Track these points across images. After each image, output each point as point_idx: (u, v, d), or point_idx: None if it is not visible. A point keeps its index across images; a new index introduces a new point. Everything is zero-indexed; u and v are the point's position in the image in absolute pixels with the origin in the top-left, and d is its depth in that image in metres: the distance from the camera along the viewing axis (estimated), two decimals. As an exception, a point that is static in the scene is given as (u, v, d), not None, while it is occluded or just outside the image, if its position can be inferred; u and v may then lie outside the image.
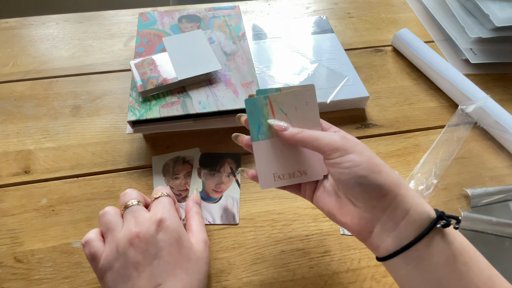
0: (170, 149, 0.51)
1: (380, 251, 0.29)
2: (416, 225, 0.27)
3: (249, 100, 0.33)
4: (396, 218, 0.27)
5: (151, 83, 0.49)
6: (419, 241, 0.26)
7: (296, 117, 0.34)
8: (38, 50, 0.64)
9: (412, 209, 0.27)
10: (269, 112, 0.34)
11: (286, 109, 0.34)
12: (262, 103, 0.33)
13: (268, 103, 0.33)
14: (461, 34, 0.65)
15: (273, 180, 0.34)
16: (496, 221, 0.43)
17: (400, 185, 0.28)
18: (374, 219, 0.28)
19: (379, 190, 0.28)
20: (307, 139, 0.31)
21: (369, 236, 0.29)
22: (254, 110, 0.34)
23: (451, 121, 0.53)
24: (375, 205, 0.28)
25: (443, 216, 0.27)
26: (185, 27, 0.60)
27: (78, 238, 0.42)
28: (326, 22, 0.70)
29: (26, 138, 0.51)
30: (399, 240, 0.27)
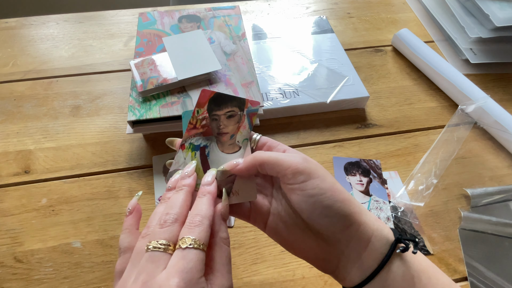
0: (170, 149, 0.51)
1: (346, 283, 0.28)
2: (378, 253, 0.26)
3: (186, 113, 0.31)
4: (360, 248, 0.26)
5: (151, 83, 0.49)
6: (382, 269, 0.26)
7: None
8: (38, 50, 0.64)
9: (373, 236, 0.27)
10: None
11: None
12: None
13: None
14: (461, 34, 0.65)
15: None
16: (496, 221, 0.43)
17: (361, 212, 0.27)
18: (339, 253, 0.27)
19: (344, 221, 0.26)
20: (267, 159, 0.27)
21: (335, 269, 0.28)
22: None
23: (451, 121, 0.53)
24: (339, 238, 0.27)
25: (401, 239, 0.26)
26: (185, 27, 0.60)
27: (78, 238, 0.42)
28: (326, 22, 0.70)
29: (26, 138, 0.51)
30: (363, 271, 0.26)
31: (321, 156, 0.51)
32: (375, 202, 0.46)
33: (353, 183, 0.48)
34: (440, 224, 0.45)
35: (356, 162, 0.50)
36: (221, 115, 0.31)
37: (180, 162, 0.30)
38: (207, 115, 0.31)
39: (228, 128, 0.31)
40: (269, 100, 0.54)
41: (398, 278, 0.26)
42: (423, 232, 0.44)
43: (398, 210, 0.45)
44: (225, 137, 0.31)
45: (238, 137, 0.31)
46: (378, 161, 0.51)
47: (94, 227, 0.43)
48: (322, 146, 0.52)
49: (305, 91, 0.55)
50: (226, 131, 0.31)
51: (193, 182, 0.28)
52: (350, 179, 0.48)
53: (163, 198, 0.29)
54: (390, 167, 0.50)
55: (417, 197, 0.46)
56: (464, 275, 0.40)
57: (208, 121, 0.31)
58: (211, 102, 0.31)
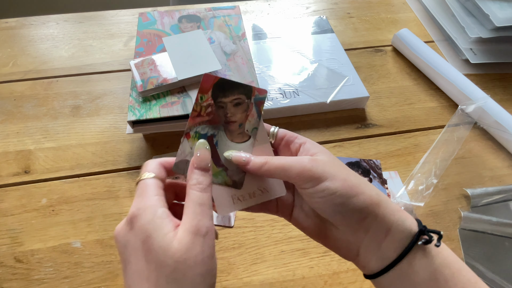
0: (170, 149, 0.51)
1: (366, 270, 0.28)
2: (398, 244, 0.26)
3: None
4: (379, 239, 0.27)
5: (151, 83, 0.49)
6: (401, 260, 0.26)
7: (259, 134, 0.30)
8: (38, 50, 0.64)
9: (393, 227, 0.26)
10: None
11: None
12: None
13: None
14: (461, 34, 0.65)
15: (233, 203, 0.29)
16: (496, 221, 0.43)
17: (379, 203, 0.27)
18: (358, 241, 0.27)
19: (358, 214, 0.26)
20: (274, 170, 0.27)
21: (356, 257, 0.28)
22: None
23: (451, 121, 0.53)
24: (357, 228, 0.27)
25: (424, 231, 0.26)
26: (185, 27, 0.60)
27: (78, 238, 0.42)
28: (326, 22, 0.70)
29: (26, 138, 0.51)
30: (382, 260, 0.27)
31: (321, 156, 0.51)
32: (375, 202, 0.46)
33: (353, 183, 0.48)
34: (440, 224, 0.45)
35: (356, 162, 0.50)
36: (228, 103, 0.29)
37: (186, 152, 0.28)
38: (212, 102, 0.29)
39: (236, 117, 0.30)
40: (269, 100, 0.54)
41: (420, 271, 0.25)
42: (423, 232, 0.44)
43: (398, 210, 0.45)
44: (233, 125, 0.29)
45: (247, 126, 0.30)
46: (378, 161, 0.51)
47: (94, 227, 0.43)
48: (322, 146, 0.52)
49: (305, 91, 0.55)
50: (234, 119, 0.29)
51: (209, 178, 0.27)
52: (350, 179, 0.48)
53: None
54: (390, 167, 0.50)
55: (417, 197, 0.46)
56: (464, 275, 0.40)
57: (214, 109, 0.29)
58: (216, 89, 0.29)
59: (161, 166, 0.27)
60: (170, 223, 0.24)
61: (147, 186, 0.26)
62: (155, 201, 0.25)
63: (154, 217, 0.24)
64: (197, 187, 0.25)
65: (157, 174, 0.27)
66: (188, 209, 0.24)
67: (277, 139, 0.31)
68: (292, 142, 0.30)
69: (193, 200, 0.25)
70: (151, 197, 0.25)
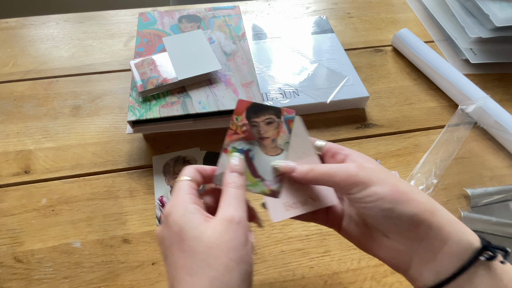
0: (170, 149, 0.51)
1: (418, 284, 0.26)
2: (456, 257, 0.24)
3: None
4: (434, 250, 0.25)
5: (151, 83, 0.49)
6: (460, 275, 0.24)
7: (291, 149, 0.32)
8: (38, 50, 0.64)
9: (451, 238, 0.25)
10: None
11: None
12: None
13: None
14: (461, 34, 0.65)
15: (285, 210, 0.31)
16: (496, 221, 0.43)
17: (434, 212, 0.25)
18: (410, 251, 0.26)
19: (410, 221, 0.25)
20: (319, 176, 0.28)
21: (407, 268, 0.26)
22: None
23: (451, 121, 0.53)
24: (409, 236, 0.25)
25: (488, 247, 0.24)
26: (185, 27, 0.60)
27: (78, 238, 0.42)
28: (326, 22, 0.70)
29: (26, 138, 0.51)
30: (438, 274, 0.25)
31: (321, 156, 0.51)
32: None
33: (353, 183, 0.48)
34: (440, 224, 0.45)
35: (356, 162, 0.50)
36: (260, 122, 0.32)
37: (225, 165, 0.31)
38: (247, 122, 0.32)
39: (268, 133, 0.32)
40: (269, 100, 0.54)
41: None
42: (423, 232, 0.44)
43: (398, 210, 0.45)
44: (267, 141, 0.32)
45: (279, 141, 0.32)
46: (378, 161, 0.51)
47: (94, 227, 0.43)
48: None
49: (305, 91, 0.55)
50: (267, 135, 0.32)
51: (242, 181, 0.29)
52: (350, 179, 0.48)
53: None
54: (390, 167, 0.50)
55: (417, 197, 0.46)
56: (464, 275, 0.40)
57: (248, 127, 0.32)
58: (249, 111, 0.32)
59: (196, 171, 0.30)
60: (202, 217, 0.25)
61: (180, 186, 0.28)
62: (186, 199, 0.26)
63: (185, 212, 0.25)
64: (232, 184, 0.28)
65: (191, 177, 0.29)
66: (223, 202, 0.26)
67: (323, 151, 0.32)
68: (338, 153, 0.31)
69: (228, 194, 0.27)
70: (183, 196, 0.27)
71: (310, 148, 0.32)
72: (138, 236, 0.43)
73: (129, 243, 0.42)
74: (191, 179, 0.28)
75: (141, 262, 0.41)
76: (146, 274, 0.40)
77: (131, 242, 0.42)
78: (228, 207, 0.26)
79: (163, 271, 0.40)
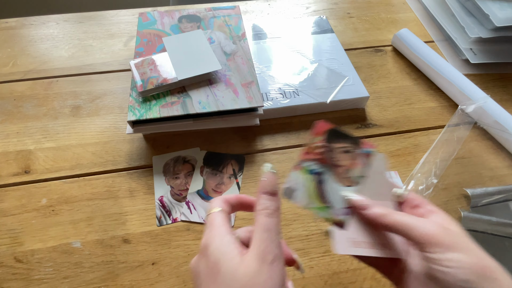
0: (170, 149, 0.51)
1: None
2: None
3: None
4: None
5: (151, 83, 0.49)
6: None
7: (367, 186, 0.31)
8: (38, 50, 0.64)
9: None
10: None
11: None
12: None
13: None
14: (461, 34, 0.65)
15: (348, 246, 0.30)
16: (496, 221, 0.43)
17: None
18: None
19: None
20: (396, 224, 0.26)
21: None
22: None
23: (451, 121, 0.53)
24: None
25: None
26: (185, 27, 0.60)
27: (78, 238, 0.42)
28: (326, 22, 0.70)
29: (26, 138, 0.51)
30: None
31: (321, 156, 0.51)
32: (375, 202, 0.46)
33: (353, 183, 0.48)
34: (440, 224, 0.45)
35: (356, 162, 0.50)
36: (337, 148, 0.32)
37: (295, 181, 0.30)
38: (323, 144, 0.31)
39: (343, 162, 0.31)
40: (269, 100, 0.54)
41: None
42: (423, 232, 0.44)
43: (398, 210, 0.45)
44: (340, 169, 0.31)
45: (353, 173, 0.31)
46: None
47: (94, 227, 0.43)
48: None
49: (305, 91, 0.55)
50: (342, 164, 0.31)
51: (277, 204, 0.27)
52: (350, 179, 0.48)
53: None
54: (390, 167, 0.50)
55: (417, 197, 0.46)
56: (464, 275, 0.40)
57: (324, 150, 0.31)
58: (329, 134, 0.32)
59: (225, 202, 0.29)
60: (237, 248, 0.25)
61: (214, 218, 0.27)
62: (222, 231, 0.26)
63: (221, 243, 0.25)
64: (264, 212, 0.26)
65: (222, 208, 0.28)
66: (256, 234, 0.25)
67: (403, 201, 0.29)
68: (420, 207, 0.28)
69: (260, 225, 0.25)
70: (218, 228, 0.26)
71: (387, 191, 0.30)
72: (138, 236, 0.43)
73: (129, 243, 0.42)
74: (221, 209, 0.28)
75: (141, 262, 0.41)
76: (146, 274, 0.40)
77: (131, 242, 0.42)
78: (260, 243, 0.24)
79: (163, 271, 0.40)
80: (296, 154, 0.51)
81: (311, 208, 0.30)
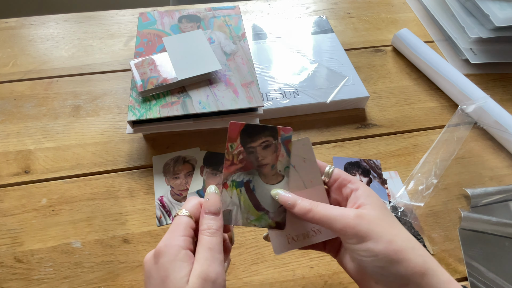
0: (170, 149, 0.51)
1: None
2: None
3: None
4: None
5: (151, 83, 0.49)
6: None
7: (299, 174, 0.31)
8: (38, 50, 0.64)
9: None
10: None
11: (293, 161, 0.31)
12: None
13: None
14: (461, 34, 0.65)
15: (287, 243, 0.31)
16: (496, 221, 0.43)
17: (425, 273, 0.26)
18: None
19: (399, 280, 0.26)
20: (318, 220, 0.28)
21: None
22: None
23: (451, 121, 0.53)
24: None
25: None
26: (185, 27, 0.60)
27: (78, 238, 0.42)
28: (326, 22, 0.70)
29: (26, 138, 0.51)
30: None
31: (321, 156, 0.51)
32: (375, 202, 0.46)
33: (353, 183, 0.48)
34: (440, 224, 0.45)
35: (356, 162, 0.50)
36: (257, 147, 0.30)
37: (228, 202, 0.30)
38: (243, 149, 0.30)
39: (267, 159, 0.31)
40: (269, 100, 0.54)
41: None
42: (423, 232, 0.44)
43: (398, 210, 0.45)
44: (266, 168, 0.31)
45: (279, 166, 0.31)
46: (378, 161, 0.51)
47: (94, 227, 0.43)
48: (322, 146, 0.52)
49: (305, 91, 0.55)
50: (266, 162, 0.31)
51: (220, 223, 0.28)
52: (350, 179, 0.48)
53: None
54: (390, 167, 0.50)
55: (417, 197, 0.46)
56: (464, 275, 0.40)
57: (245, 155, 0.30)
58: (243, 135, 0.30)
59: (199, 205, 0.29)
60: (188, 267, 0.25)
61: (179, 224, 0.27)
62: (181, 242, 0.27)
63: (175, 258, 0.26)
64: (207, 231, 0.27)
65: (193, 213, 0.28)
66: (199, 254, 0.26)
67: (331, 179, 0.31)
68: (345, 186, 0.30)
69: (203, 245, 0.26)
70: (179, 237, 0.27)
71: (317, 176, 0.31)
72: (138, 236, 0.43)
73: (129, 243, 0.42)
74: (190, 214, 0.28)
75: (141, 262, 0.41)
76: (146, 274, 0.40)
77: (131, 242, 0.42)
78: (203, 262, 0.26)
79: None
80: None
81: (250, 222, 0.30)
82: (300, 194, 0.30)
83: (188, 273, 0.25)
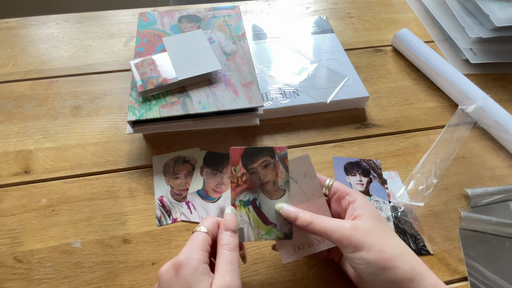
0: (170, 149, 0.51)
1: None
2: None
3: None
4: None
5: (151, 83, 0.49)
6: None
7: (300, 189, 0.34)
8: (38, 50, 0.64)
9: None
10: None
11: (295, 176, 0.34)
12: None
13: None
14: (461, 34, 0.65)
15: (294, 252, 0.34)
16: (496, 221, 0.43)
17: (413, 278, 0.28)
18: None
19: (390, 285, 0.28)
20: (317, 231, 0.31)
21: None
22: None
23: (451, 121, 0.53)
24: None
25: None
26: (185, 27, 0.60)
27: (78, 238, 0.42)
28: (326, 22, 0.70)
29: (26, 138, 0.51)
30: None
31: (321, 156, 0.51)
32: (375, 202, 0.46)
33: (353, 183, 0.48)
34: (440, 224, 0.45)
35: (356, 162, 0.50)
36: (258, 167, 0.34)
37: (239, 221, 0.33)
38: (245, 171, 0.34)
39: (268, 177, 0.34)
40: (269, 100, 0.54)
41: None
42: (423, 232, 0.44)
43: (398, 210, 0.45)
44: (268, 185, 0.34)
45: (280, 182, 0.34)
46: (378, 161, 0.51)
47: (94, 227, 0.43)
48: (322, 146, 0.52)
49: (305, 91, 0.55)
50: (268, 179, 0.34)
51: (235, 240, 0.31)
52: (350, 179, 0.48)
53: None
54: (390, 167, 0.50)
55: (417, 197, 0.46)
56: (464, 275, 0.40)
57: (248, 176, 0.34)
58: (244, 158, 0.34)
59: (215, 225, 0.32)
60: (209, 279, 0.28)
61: (198, 239, 0.30)
62: (200, 255, 0.29)
63: (196, 271, 0.28)
64: (227, 246, 0.30)
65: (210, 230, 0.31)
66: (220, 266, 0.29)
67: (330, 192, 0.34)
68: (343, 198, 0.33)
69: (224, 259, 0.29)
70: (199, 251, 0.29)
71: (318, 190, 0.34)
72: (138, 236, 0.43)
73: (129, 243, 0.42)
74: (207, 231, 0.31)
75: (141, 262, 0.41)
76: (146, 274, 0.40)
77: (131, 242, 0.42)
78: (225, 274, 0.28)
79: (163, 271, 0.40)
80: (296, 153, 0.51)
81: (262, 237, 0.33)
82: (303, 207, 0.33)
83: (209, 285, 0.27)
